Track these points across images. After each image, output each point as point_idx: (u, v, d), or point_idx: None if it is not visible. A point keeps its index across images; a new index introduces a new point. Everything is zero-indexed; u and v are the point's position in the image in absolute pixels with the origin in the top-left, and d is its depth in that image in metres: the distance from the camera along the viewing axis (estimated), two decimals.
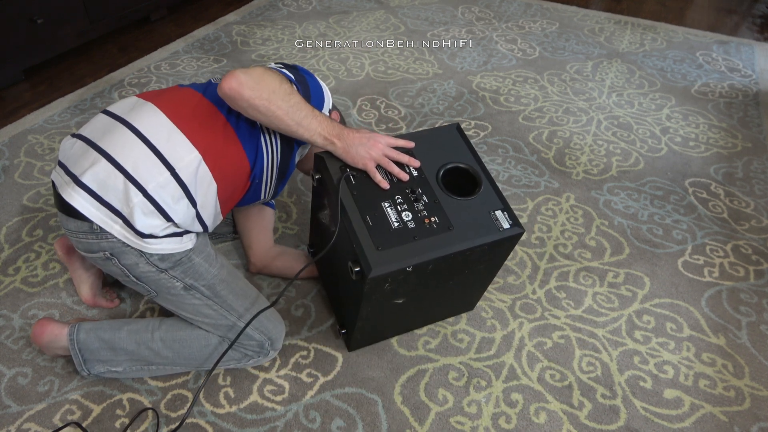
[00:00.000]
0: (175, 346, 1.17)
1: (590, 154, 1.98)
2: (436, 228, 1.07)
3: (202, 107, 1.12)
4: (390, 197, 1.10)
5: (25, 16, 2.13)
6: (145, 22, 2.83)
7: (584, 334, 1.35)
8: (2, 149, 1.89)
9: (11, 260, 1.49)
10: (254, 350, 1.19)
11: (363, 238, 1.03)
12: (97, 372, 1.19)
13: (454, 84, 2.37)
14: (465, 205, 1.12)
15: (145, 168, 1.03)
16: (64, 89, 2.25)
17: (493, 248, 1.12)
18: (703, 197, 1.80)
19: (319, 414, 1.16)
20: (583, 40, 2.80)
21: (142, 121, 1.07)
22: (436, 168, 1.16)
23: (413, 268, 1.03)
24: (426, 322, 1.34)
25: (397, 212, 1.08)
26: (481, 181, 1.16)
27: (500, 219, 1.11)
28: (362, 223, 1.05)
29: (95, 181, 1.03)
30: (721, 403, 1.22)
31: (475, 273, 1.19)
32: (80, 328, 1.17)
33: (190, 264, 1.12)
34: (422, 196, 1.11)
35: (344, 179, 1.10)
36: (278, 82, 1.05)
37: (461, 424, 1.15)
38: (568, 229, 1.65)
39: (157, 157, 1.04)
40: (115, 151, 1.04)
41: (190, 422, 1.14)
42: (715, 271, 1.54)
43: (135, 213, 1.03)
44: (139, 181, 1.02)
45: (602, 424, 1.17)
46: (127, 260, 1.07)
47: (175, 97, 1.13)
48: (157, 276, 1.10)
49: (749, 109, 2.28)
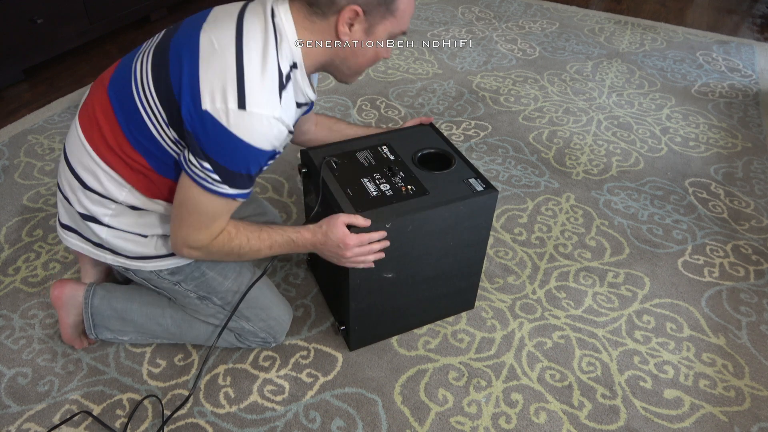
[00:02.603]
0: (184, 325, 1.22)
1: (590, 154, 1.98)
2: (413, 194, 1.14)
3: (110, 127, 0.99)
4: (369, 175, 1.18)
5: (25, 16, 2.13)
6: (145, 22, 2.83)
7: (584, 334, 1.35)
8: (2, 149, 1.89)
9: (11, 260, 1.49)
10: (258, 344, 1.25)
11: (343, 204, 1.10)
12: (104, 337, 1.24)
13: (454, 84, 2.37)
14: (440, 176, 1.20)
15: (92, 206, 1.04)
16: (64, 89, 2.25)
17: (471, 210, 1.16)
18: (703, 197, 1.80)
19: (319, 414, 1.16)
20: (583, 40, 2.80)
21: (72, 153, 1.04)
22: (412, 154, 1.25)
23: (392, 225, 1.08)
24: (425, 320, 1.34)
25: (375, 185, 1.16)
26: (455, 160, 1.24)
27: (474, 184, 1.18)
28: (342, 193, 1.13)
29: (71, 221, 1.10)
30: (721, 403, 1.22)
31: (461, 245, 1.21)
32: (95, 293, 1.22)
33: (203, 279, 1.14)
34: (399, 172, 1.19)
35: (325, 163, 1.19)
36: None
37: (461, 424, 1.15)
38: (568, 229, 1.65)
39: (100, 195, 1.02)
40: (65, 189, 1.07)
41: (190, 422, 1.14)
42: (715, 271, 1.54)
43: (112, 243, 1.07)
44: (94, 217, 1.04)
45: (602, 424, 1.17)
46: (143, 275, 1.13)
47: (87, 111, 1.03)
48: (172, 287, 1.15)
49: (749, 109, 2.28)
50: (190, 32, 0.93)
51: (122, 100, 0.97)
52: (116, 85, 0.99)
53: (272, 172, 1.83)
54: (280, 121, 0.90)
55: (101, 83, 1.02)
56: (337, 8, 0.93)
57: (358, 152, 1.24)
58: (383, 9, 0.95)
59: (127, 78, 0.97)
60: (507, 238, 1.61)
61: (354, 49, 0.99)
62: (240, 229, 1.02)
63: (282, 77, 0.91)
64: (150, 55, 0.96)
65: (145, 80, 0.94)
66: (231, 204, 0.98)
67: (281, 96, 0.90)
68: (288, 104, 0.93)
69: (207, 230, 0.98)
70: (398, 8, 0.96)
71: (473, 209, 1.16)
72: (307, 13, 0.94)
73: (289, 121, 0.93)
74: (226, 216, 0.99)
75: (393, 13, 0.96)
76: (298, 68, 0.96)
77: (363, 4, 0.93)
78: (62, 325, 1.22)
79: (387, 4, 0.95)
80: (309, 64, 0.99)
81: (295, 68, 0.96)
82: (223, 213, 0.98)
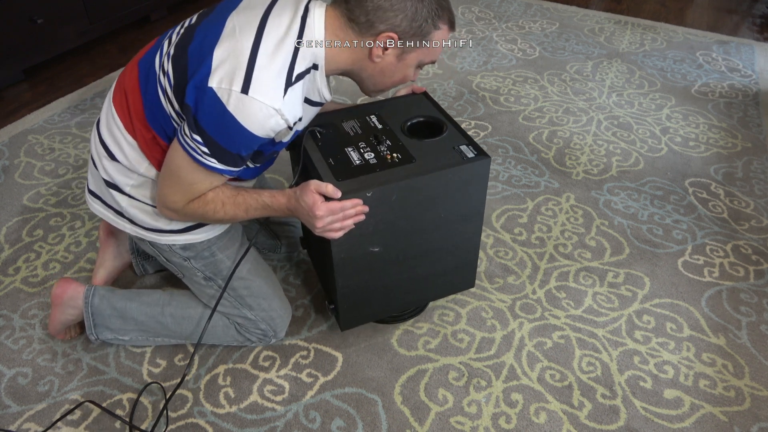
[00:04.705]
0: (184, 323, 1.24)
1: (590, 154, 1.98)
2: (398, 161, 1.08)
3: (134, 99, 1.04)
4: (354, 144, 1.13)
5: (25, 16, 2.13)
6: (145, 22, 2.83)
7: (584, 334, 1.35)
8: (2, 149, 1.89)
9: (11, 260, 1.49)
10: (258, 337, 1.25)
11: (324, 173, 1.06)
12: (104, 338, 1.25)
13: (454, 84, 2.37)
14: (430, 144, 1.13)
15: (116, 175, 1.08)
16: (64, 89, 2.25)
17: (460, 178, 1.09)
18: (703, 197, 1.80)
19: (319, 414, 1.16)
20: (583, 40, 2.81)
21: (103, 121, 1.10)
22: (401, 122, 1.19)
23: (374, 194, 1.02)
24: (421, 298, 1.29)
25: (359, 154, 1.10)
26: (446, 127, 1.17)
27: (465, 151, 1.11)
28: (324, 163, 1.08)
29: (96, 187, 1.13)
30: (721, 403, 1.22)
31: (454, 218, 1.15)
32: (95, 293, 1.23)
33: (212, 259, 1.17)
34: (385, 141, 1.14)
35: (309, 134, 1.15)
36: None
37: (461, 424, 1.15)
38: (568, 229, 1.65)
39: (123, 166, 1.07)
40: (94, 155, 1.12)
41: (190, 422, 1.14)
42: (715, 271, 1.54)
43: (130, 213, 1.10)
44: (117, 185, 1.09)
45: (602, 424, 1.17)
46: (157, 247, 1.16)
47: (121, 82, 1.08)
48: (181, 262, 1.17)
49: (749, 109, 2.28)
50: (219, 15, 0.97)
51: (147, 72, 1.01)
52: (147, 58, 1.03)
53: (273, 171, 1.83)
54: (279, 113, 0.90)
55: (137, 57, 1.06)
56: (375, 32, 0.96)
57: (344, 121, 1.20)
58: (419, 39, 0.98)
59: (156, 51, 1.02)
60: (507, 238, 1.61)
61: (383, 70, 1.02)
62: (217, 194, 1.03)
63: (292, 74, 0.92)
64: (181, 33, 0.99)
65: (170, 53, 0.97)
66: (215, 177, 0.99)
67: (286, 91, 0.91)
68: (292, 100, 0.93)
69: (184, 195, 1.00)
70: (432, 40, 1.00)
71: (464, 177, 1.09)
72: (343, 23, 0.96)
73: (289, 116, 0.93)
74: (206, 186, 1.00)
75: (427, 44, 1.00)
76: (318, 69, 0.98)
77: (400, 32, 0.96)
78: (52, 320, 1.24)
79: (423, 36, 0.98)
80: (331, 68, 1.01)
81: (315, 69, 0.98)
82: (204, 183, 1.00)
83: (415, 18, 0.95)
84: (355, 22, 0.95)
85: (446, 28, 1.02)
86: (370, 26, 0.95)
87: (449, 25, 1.02)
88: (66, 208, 1.66)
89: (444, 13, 0.99)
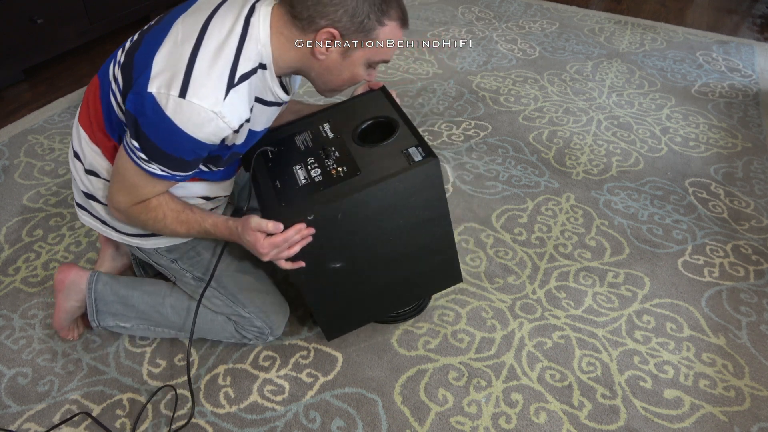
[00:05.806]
0: (183, 314, 1.24)
1: (590, 154, 1.98)
2: (344, 176, 1.06)
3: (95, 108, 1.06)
4: (302, 160, 1.12)
5: (25, 16, 2.13)
6: (144, 22, 2.82)
7: (584, 334, 1.35)
8: (2, 149, 1.89)
9: (11, 260, 1.49)
10: (254, 335, 1.25)
11: (268, 199, 1.06)
12: (106, 325, 1.25)
13: (454, 84, 2.37)
14: (378, 150, 1.10)
15: (91, 186, 1.10)
16: (64, 89, 2.25)
17: (409, 184, 1.05)
18: (703, 197, 1.80)
19: (319, 414, 1.16)
20: (583, 40, 2.80)
21: (73, 134, 1.11)
22: (353, 128, 1.16)
23: (316, 216, 1.01)
24: (410, 299, 1.29)
25: (306, 171, 1.09)
26: (398, 128, 1.13)
27: (413, 154, 1.07)
28: (270, 187, 1.08)
29: (80, 199, 1.16)
30: (721, 403, 1.22)
31: (418, 221, 1.12)
32: (99, 279, 1.24)
33: (198, 259, 1.18)
34: (334, 153, 1.11)
35: (260, 154, 1.15)
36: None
37: (461, 424, 1.15)
38: (568, 229, 1.65)
39: (96, 176, 1.09)
40: (71, 169, 1.14)
41: (190, 422, 1.14)
42: (715, 271, 1.54)
43: (111, 221, 1.13)
44: (94, 195, 1.11)
45: (602, 424, 1.17)
46: (145, 252, 1.18)
47: (85, 100, 1.09)
48: (170, 264, 1.18)
49: (749, 109, 2.28)
50: (167, 21, 0.96)
51: (103, 82, 1.02)
52: (104, 68, 1.04)
53: None
54: (219, 116, 0.89)
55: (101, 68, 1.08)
56: (316, 27, 0.94)
57: (297, 135, 1.19)
58: (362, 36, 0.95)
59: (110, 61, 1.03)
60: (507, 238, 1.61)
61: (329, 68, 1.00)
62: (162, 204, 1.03)
63: (234, 75, 0.91)
64: (134, 39, 1.00)
65: (120, 61, 0.98)
66: (157, 182, 0.99)
67: (227, 93, 0.90)
68: (235, 102, 0.91)
69: (127, 196, 1.01)
70: (378, 38, 0.97)
71: (413, 182, 1.05)
72: (287, 21, 0.95)
73: (232, 118, 0.91)
74: (149, 191, 1.00)
75: (372, 42, 0.97)
76: (267, 69, 0.97)
77: (341, 28, 0.93)
78: (57, 310, 1.23)
79: (366, 32, 0.95)
80: (280, 67, 0.99)
81: (264, 68, 0.97)
82: (147, 188, 1.00)
83: (356, 14, 0.92)
84: (298, 18, 0.93)
85: (394, 25, 0.97)
86: (311, 22, 0.93)
87: (399, 22, 0.97)
88: (66, 208, 1.66)
89: (390, 10, 0.95)
